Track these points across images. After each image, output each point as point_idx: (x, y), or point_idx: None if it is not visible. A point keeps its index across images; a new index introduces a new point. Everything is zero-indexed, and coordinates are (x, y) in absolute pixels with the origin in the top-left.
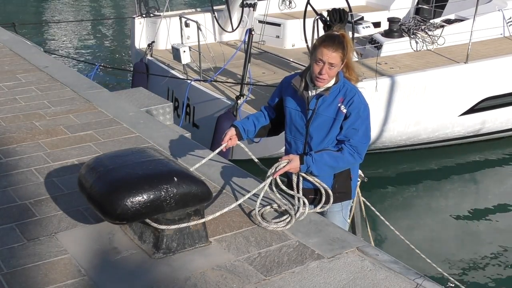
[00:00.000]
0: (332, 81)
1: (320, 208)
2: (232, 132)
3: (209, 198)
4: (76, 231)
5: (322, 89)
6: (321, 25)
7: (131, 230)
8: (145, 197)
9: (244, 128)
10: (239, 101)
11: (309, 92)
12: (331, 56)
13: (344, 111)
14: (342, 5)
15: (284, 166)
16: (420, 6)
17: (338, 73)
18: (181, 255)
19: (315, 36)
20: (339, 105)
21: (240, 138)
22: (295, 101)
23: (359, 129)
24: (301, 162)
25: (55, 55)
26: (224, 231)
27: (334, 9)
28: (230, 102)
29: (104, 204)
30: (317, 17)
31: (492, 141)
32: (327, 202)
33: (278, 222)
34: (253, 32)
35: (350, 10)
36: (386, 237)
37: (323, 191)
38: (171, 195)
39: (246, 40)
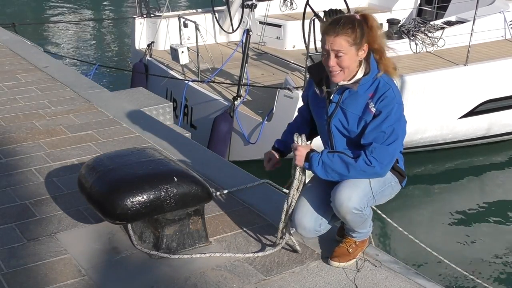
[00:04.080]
0: (361, 73)
1: None
2: (271, 153)
3: (209, 198)
4: (76, 231)
5: (349, 82)
6: (318, 25)
7: (131, 230)
8: (145, 197)
9: (283, 144)
10: (236, 102)
11: (331, 85)
12: (333, 42)
13: (373, 110)
14: (342, 6)
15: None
16: (422, 7)
17: (368, 62)
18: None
19: (312, 37)
20: (368, 101)
21: (283, 155)
22: (315, 95)
23: (387, 131)
24: (306, 159)
25: (55, 55)
26: (224, 231)
27: (331, 10)
28: (227, 103)
29: (104, 204)
30: (313, 17)
31: (492, 144)
32: None
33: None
34: (250, 33)
35: (349, 12)
36: (387, 237)
37: None
38: (171, 195)
39: (244, 40)
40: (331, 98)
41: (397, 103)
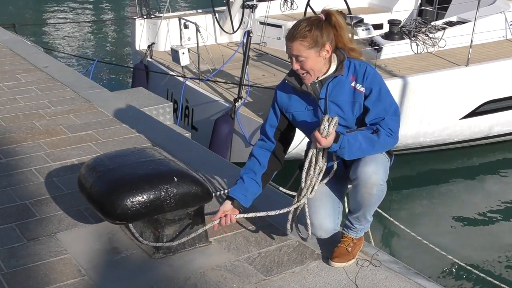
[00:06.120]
0: (335, 63)
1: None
2: (226, 207)
3: (209, 198)
4: (76, 231)
5: (325, 76)
6: None
7: (133, 229)
8: (145, 197)
9: (244, 194)
10: (237, 104)
11: (312, 84)
12: (291, 47)
13: (362, 89)
14: (343, 6)
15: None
16: (423, 7)
17: (339, 51)
18: (181, 255)
19: None
20: (352, 84)
21: (241, 207)
22: (301, 100)
23: (386, 103)
24: (335, 140)
25: (55, 55)
26: (224, 231)
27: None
28: (228, 105)
29: (104, 204)
30: None
31: (494, 145)
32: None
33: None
34: (251, 34)
35: (349, 12)
36: (387, 236)
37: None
38: (171, 195)
39: (244, 42)
40: (318, 95)
41: (378, 75)
